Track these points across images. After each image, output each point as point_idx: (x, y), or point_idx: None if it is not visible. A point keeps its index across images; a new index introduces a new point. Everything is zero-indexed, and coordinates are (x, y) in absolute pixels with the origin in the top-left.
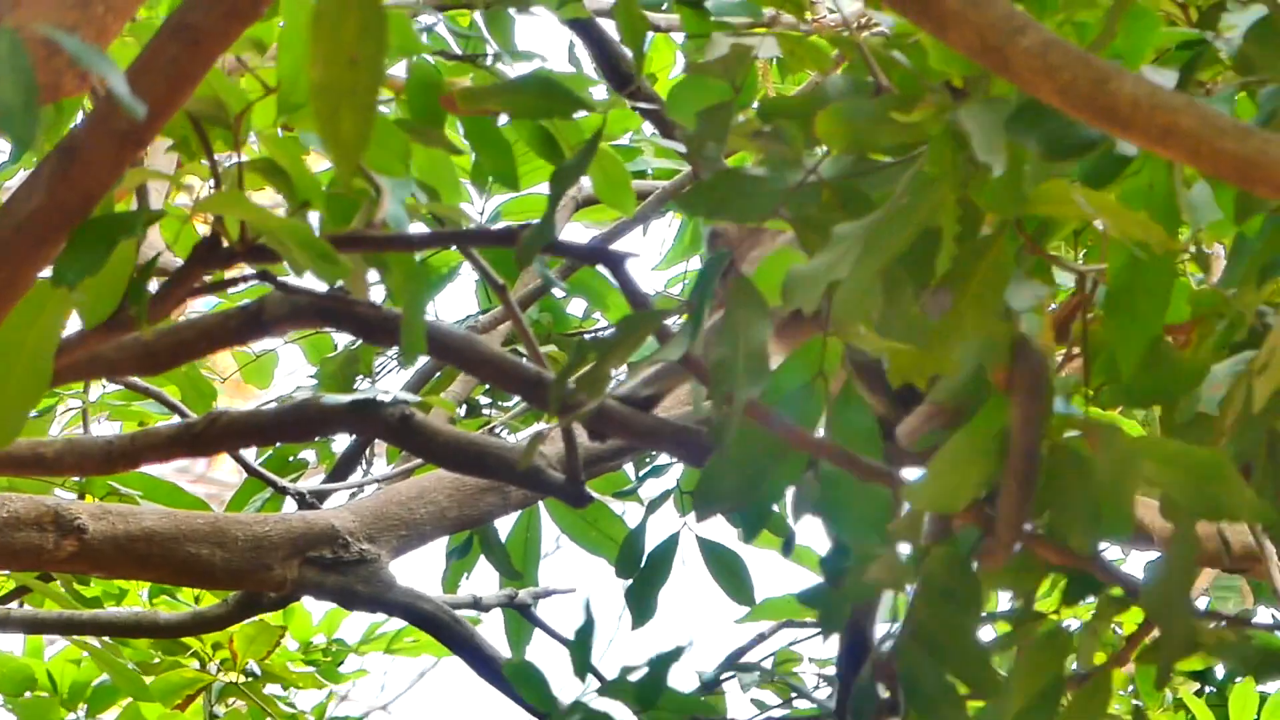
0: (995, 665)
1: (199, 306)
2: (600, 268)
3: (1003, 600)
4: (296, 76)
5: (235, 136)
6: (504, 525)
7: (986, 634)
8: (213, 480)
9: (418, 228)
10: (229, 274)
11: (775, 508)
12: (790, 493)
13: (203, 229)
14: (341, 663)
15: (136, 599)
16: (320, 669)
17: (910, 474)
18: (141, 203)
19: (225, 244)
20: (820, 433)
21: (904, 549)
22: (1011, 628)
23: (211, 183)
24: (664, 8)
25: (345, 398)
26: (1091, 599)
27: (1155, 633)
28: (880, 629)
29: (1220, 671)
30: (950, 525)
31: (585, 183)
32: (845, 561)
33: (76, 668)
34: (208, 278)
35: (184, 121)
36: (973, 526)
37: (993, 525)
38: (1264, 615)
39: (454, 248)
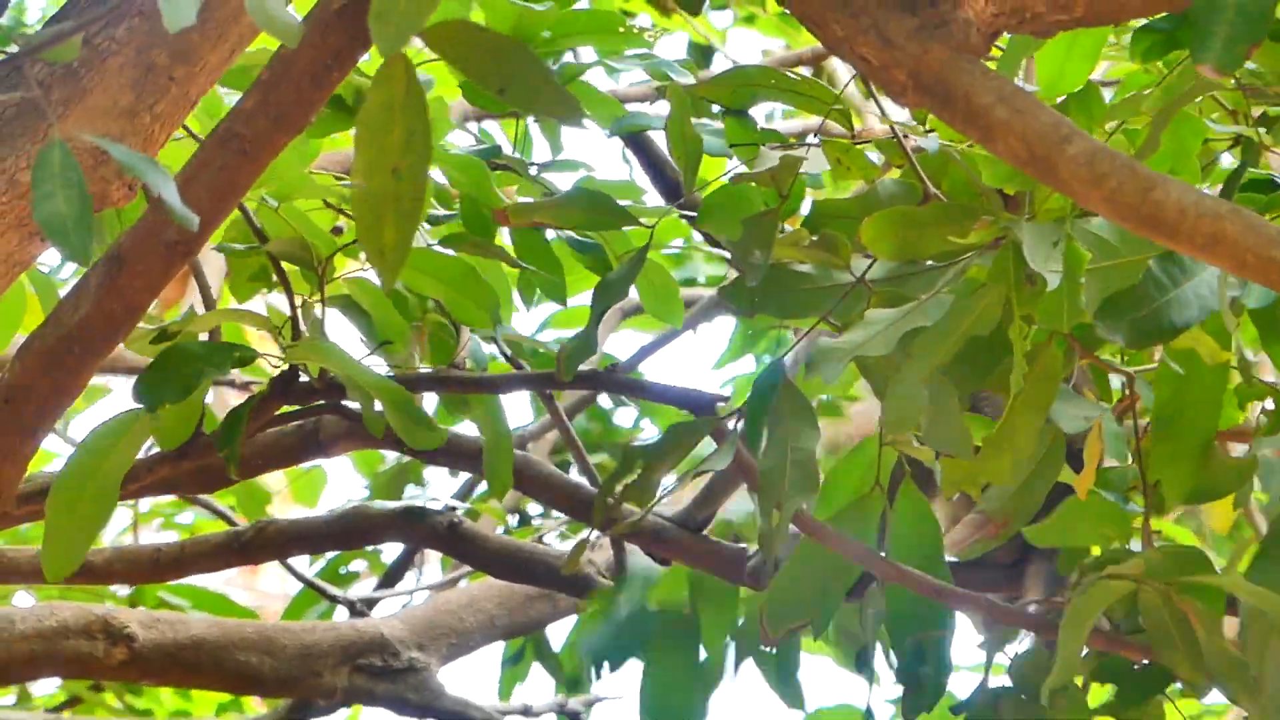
0: None
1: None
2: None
3: None
4: None
5: (320, 280)
6: (559, 631)
7: None
8: (256, 590)
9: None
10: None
11: None
12: (862, 610)
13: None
14: None
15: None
16: None
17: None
18: (214, 336)
19: (304, 379)
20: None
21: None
22: None
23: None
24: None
25: (393, 505)
26: None
27: None
28: None
29: None
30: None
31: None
32: (920, 681)
33: None
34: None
35: (262, 258)
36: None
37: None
38: None
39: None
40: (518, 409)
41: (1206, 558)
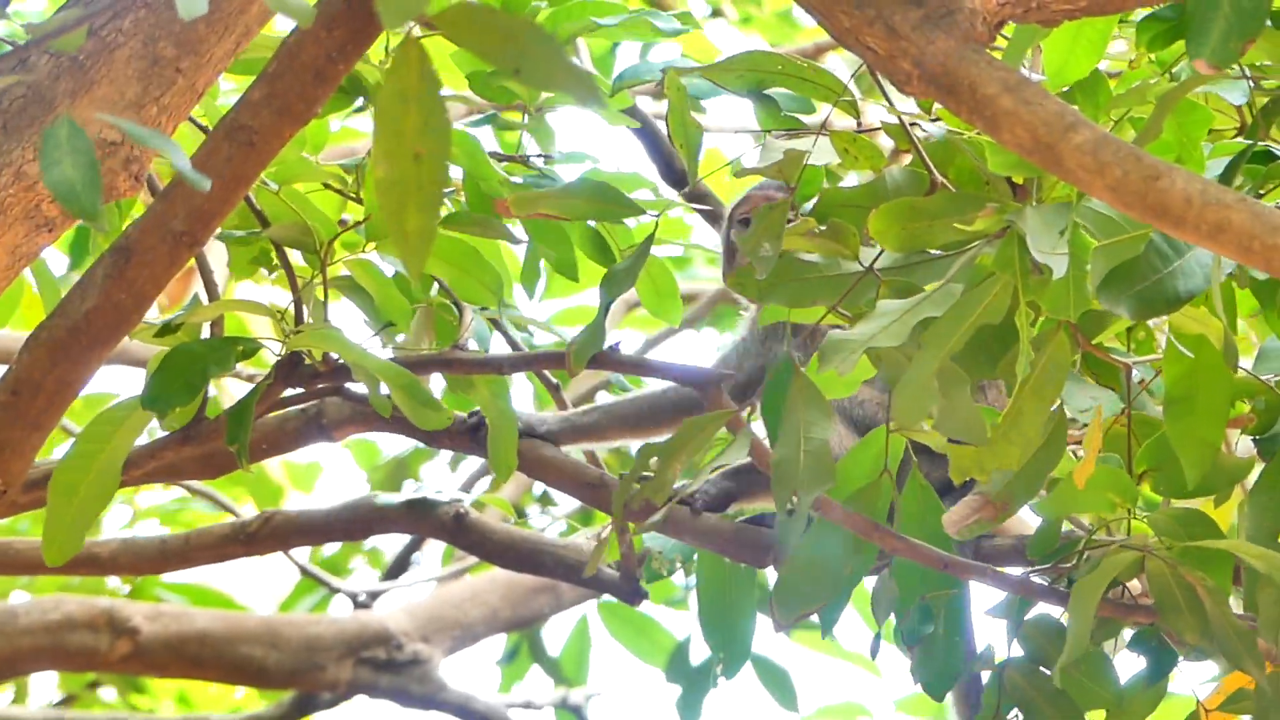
0: None
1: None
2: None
3: None
4: None
5: (322, 262)
6: (558, 633)
7: None
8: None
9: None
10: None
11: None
12: (872, 594)
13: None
14: None
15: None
16: None
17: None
18: (216, 326)
19: (308, 362)
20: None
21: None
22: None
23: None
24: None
25: (399, 496)
26: None
27: None
28: None
29: None
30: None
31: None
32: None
33: None
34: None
35: (263, 243)
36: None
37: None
38: None
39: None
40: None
41: (1213, 521)
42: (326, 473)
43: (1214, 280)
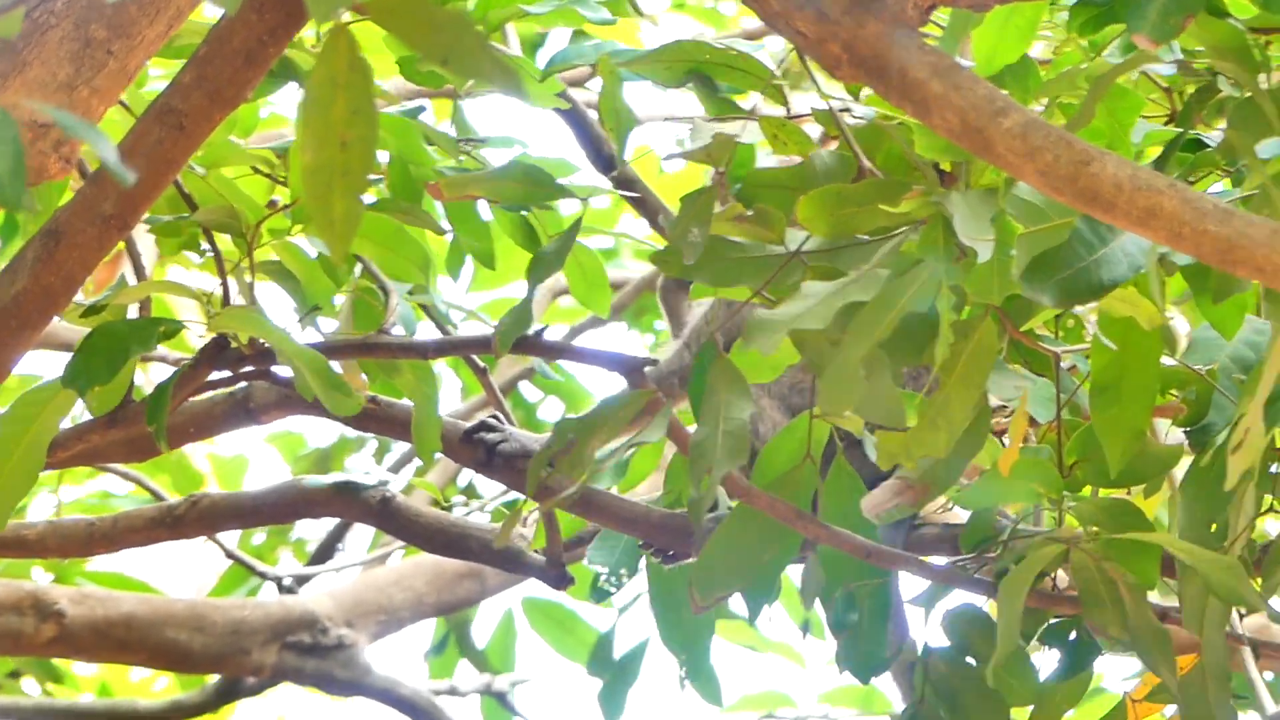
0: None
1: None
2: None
3: None
4: None
5: (249, 246)
6: (484, 628)
7: None
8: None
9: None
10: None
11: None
12: (800, 576)
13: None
14: None
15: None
16: None
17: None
18: (144, 308)
19: (234, 345)
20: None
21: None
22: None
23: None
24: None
25: (327, 479)
26: None
27: None
28: None
29: None
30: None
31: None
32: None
33: None
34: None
35: (192, 228)
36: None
37: None
38: None
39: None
40: (446, 395)
41: (1141, 513)
42: (253, 467)
43: (1150, 265)
